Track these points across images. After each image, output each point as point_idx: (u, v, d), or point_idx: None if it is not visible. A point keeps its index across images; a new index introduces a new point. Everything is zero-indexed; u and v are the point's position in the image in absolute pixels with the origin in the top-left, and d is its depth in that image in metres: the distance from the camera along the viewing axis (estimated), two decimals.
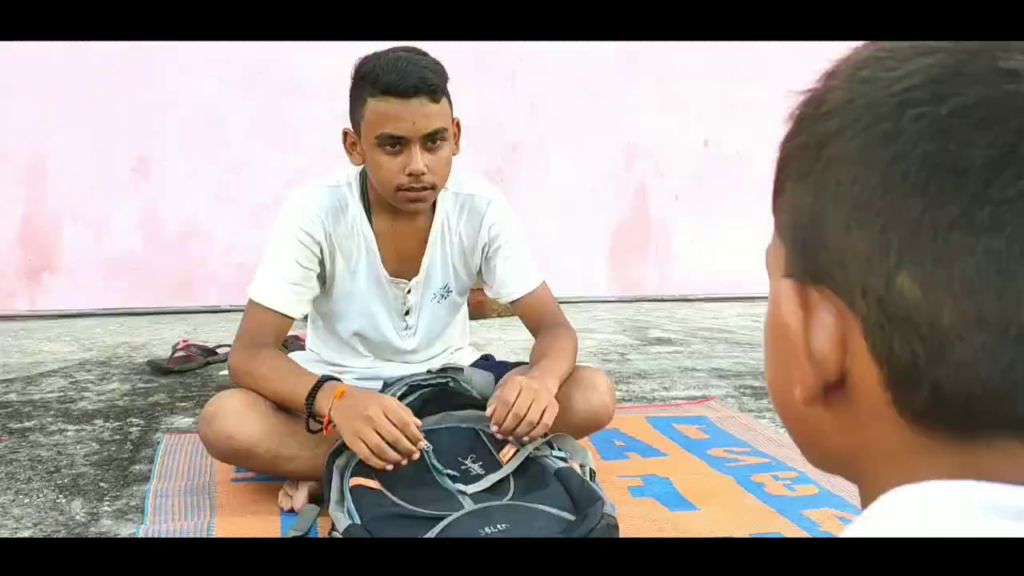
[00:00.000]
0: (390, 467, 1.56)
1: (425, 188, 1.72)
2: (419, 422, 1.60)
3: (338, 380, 1.70)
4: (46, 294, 4.15)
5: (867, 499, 0.40)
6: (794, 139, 0.41)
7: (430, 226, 1.88)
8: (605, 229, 4.73)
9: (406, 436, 1.55)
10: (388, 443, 1.54)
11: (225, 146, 4.22)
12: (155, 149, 4.16)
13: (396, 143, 1.68)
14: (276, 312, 1.78)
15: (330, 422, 1.61)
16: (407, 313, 1.93)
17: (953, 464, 0.37)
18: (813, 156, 0.39)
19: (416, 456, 1.57)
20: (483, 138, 4.42)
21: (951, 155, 0.34)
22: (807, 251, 0.40)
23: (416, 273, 1.90)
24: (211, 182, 4.23)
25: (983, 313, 0.35)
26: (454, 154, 1.78)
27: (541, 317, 1.94)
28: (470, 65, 4.31)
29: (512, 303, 1.96)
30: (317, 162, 4.26)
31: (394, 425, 1.55)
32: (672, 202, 4.80)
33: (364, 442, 1.54)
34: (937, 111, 0.35)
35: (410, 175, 1.69)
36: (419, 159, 1.68)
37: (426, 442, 1.59)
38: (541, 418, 1.63)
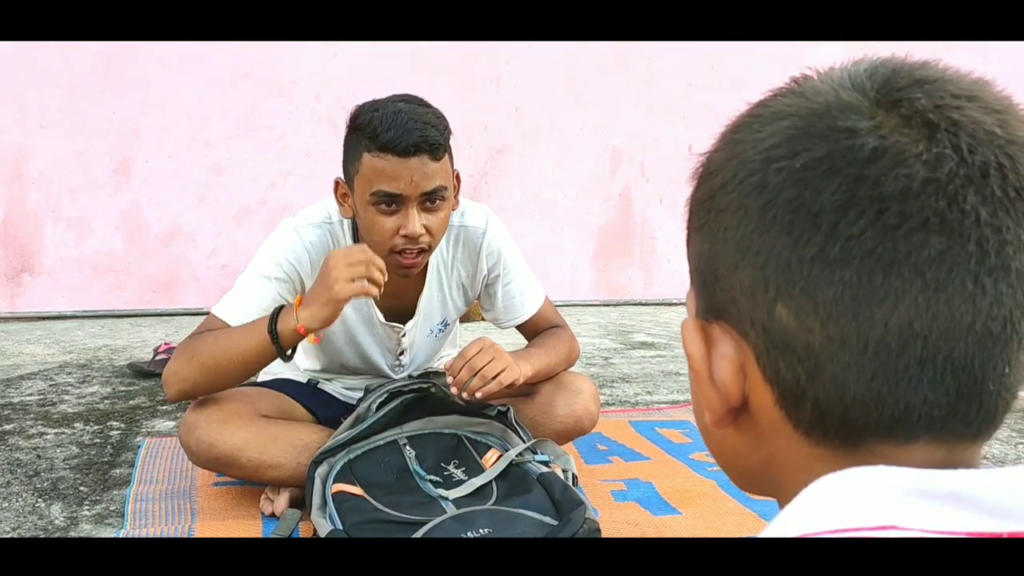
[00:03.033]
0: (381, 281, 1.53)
1: (421, 251, 1.63)
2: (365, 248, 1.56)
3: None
4: (26, 295, 4.12)
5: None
6: (694, 195, 0.48)
7: (426, 265, 1.79)
8: (589, 232, 4.74)
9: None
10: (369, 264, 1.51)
11: (208, 147, 4.20)
12: (138, 150, 4.14)
13: (392, 202, 1.58)
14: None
15: (306, 331, 1.54)
16: (402, 353, 1.90)
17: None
18: (706, 208, 0.46)
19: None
20: (467, 141, 4.42)
21: (807, 200, 0.41)
22: (707, 291, 0.46)
23: (411, 315, 1.84)
24: (194, 183, 4.21)
25: (845, 334, 0.40)
26: (453, 209, 1.70)
27: (542, 331, 1.93)
28: (455, 67, 4.31)
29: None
30: (300, 164, 4.25)
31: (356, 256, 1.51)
32: (656, 206, 4.81)
33: (351, 284, 1.49)
34: (793, 164, 0.41)
35: (405, 237, 1.59)
36: (416, 220, 1.58)
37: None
38: (497, 376, 1.63)
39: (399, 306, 1.82)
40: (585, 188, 4.70)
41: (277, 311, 1.58)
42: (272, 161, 4.26)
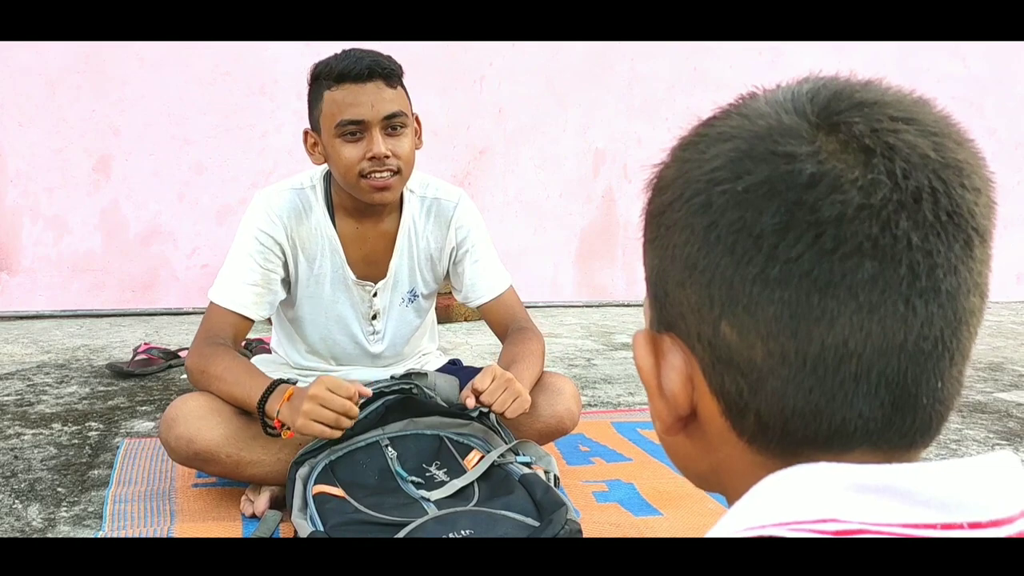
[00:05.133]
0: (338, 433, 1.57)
1: (391, 173, 1.71)
2: (365, 391, 1.63)
3: (290, 383, 1.68)
4: (4, 295, 4.08)
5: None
6: (647, 208, 0.50)
7: (396, 228, 1.87)
8: (572, 234, 4.74)
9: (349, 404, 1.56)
10: (338, 414, 1.55)
11: (188, 146, 4.17)
12: (117, 148, 4.11)
13: (356, 129, 1.68)
14: (234, 313, 1.77)
15: (282, 424, 1.59)
16: (375, 317, 1.93)
17: None
18: (657, 224, 0.48)
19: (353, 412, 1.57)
20: (450, 141, 4.42)
21: (748, 222, 0.42)
22: (658, 304, 0.49)
23: (383, 276, 1.89)
24: (174, 182, 4.18)
25: (784, 351, 0.42)
26: (417, 148, 1.78)
27: (507, 322, 1.94)
28: (438, 68, 4.30)
29: (479, 307, 1.96)
30: (282, 163, 4.23)
31: (339, 396, 1.55)
32: (639, 207, 4.81)
33: (317, 421, 1.54)
34: (736, 187, 0.43)
35: (372, 159, 1.68)
36: (380, 142, 1.68)
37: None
38: (514, 404, 1.66)
39: (370, 270, 1.89)
40: (568, 189, 4.70)
41: (272, 387, 1.63)
42: (253, 160, 4.24)
